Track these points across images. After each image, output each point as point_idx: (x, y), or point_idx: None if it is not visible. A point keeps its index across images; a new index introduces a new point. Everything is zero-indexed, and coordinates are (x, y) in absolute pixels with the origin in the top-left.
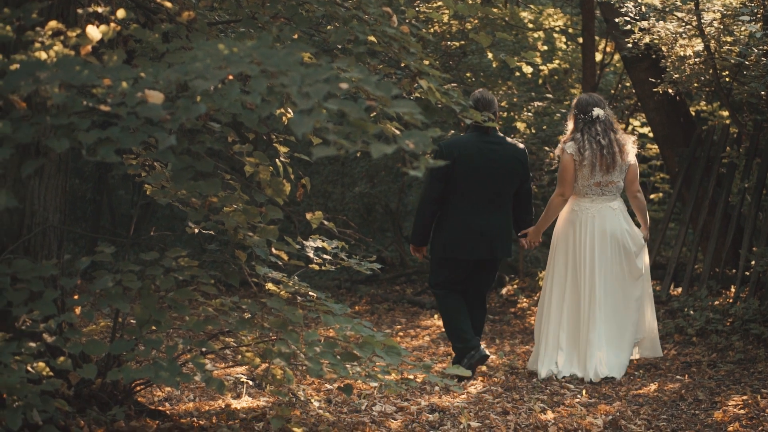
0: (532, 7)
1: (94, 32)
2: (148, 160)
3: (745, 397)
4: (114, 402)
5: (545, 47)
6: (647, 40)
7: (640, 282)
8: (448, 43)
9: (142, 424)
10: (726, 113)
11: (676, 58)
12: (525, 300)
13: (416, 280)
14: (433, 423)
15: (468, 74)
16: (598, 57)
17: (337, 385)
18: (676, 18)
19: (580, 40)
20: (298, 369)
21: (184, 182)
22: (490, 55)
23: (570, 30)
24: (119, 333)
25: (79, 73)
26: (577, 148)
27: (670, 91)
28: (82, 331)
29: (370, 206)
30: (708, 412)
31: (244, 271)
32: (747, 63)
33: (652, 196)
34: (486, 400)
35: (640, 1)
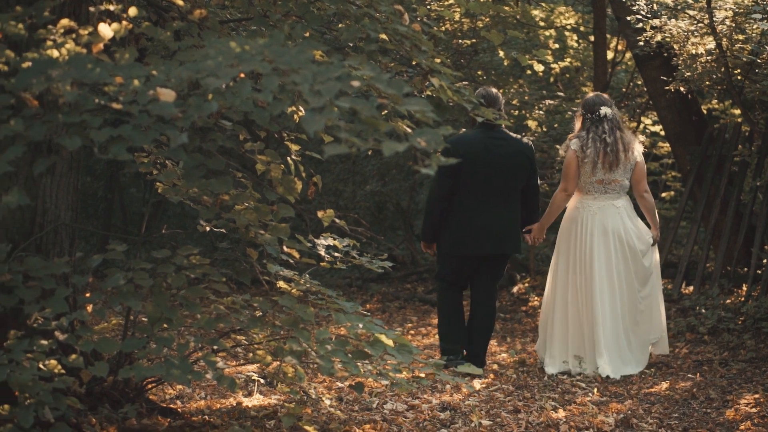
0: (543, 5)
1: (106, 30)
2: (160, 158)
3: (756, 395)
4: (125, 400)
5: (557, 45)
6: (659, 38)
7: (649, 281)
8: (460, 41)
9: (154, 422)
10: (738, 111)
11: (687, 56)
12: (536, 298)
13: (427, 278)
14: (444, 421)
15: (479, 72)
16: (610, 55)
17: (348, 383)
18: (687, 16)
19: (592, 38)
20: (310, 367)
21: (195, 180)
22: (501, 53)
23: (581, 28)
24: (131, 331)
25: (91, 71)
26: (580, 145)
27: (681, 89)
28: (94, 329)
29: (382, 204)
30: (720, 411)
31: (255, 269)
32: (759, 61)
33: (663, 195)
34: (497, 398)
35: None
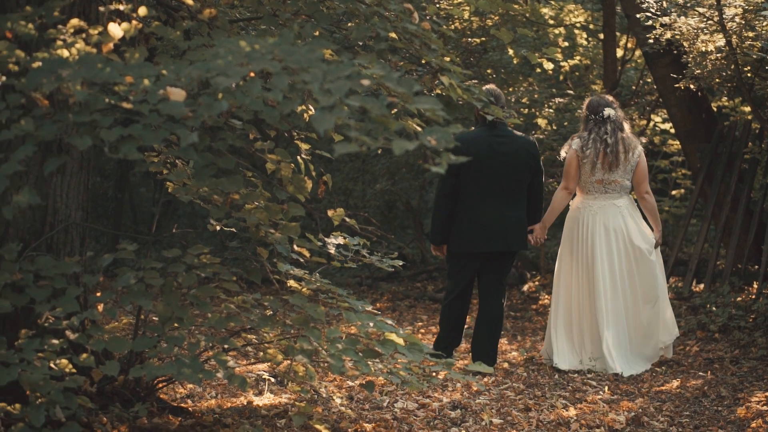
0: (552, 3)
1: (115, 30)
2: (170, 158)
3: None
4: (136, 399)
5: (566, 43)
6: (669, 35)
7: (653, 281)
8: (469, 39)
9: (165, 421)
10: (748, 109)
11: (697, 54)
12: (546, 297)
13: (437, 276)
14: (455, 420)
15: (489, 71)
16: (619, 53)
17: (359, 382)
18: (697, 13)
19: (601, 36)
20: (320, 366)
21: (205, 179)
22: (510, 51)
23: (591, 26)
24: (142, 330)
25: (101, 70)
26: (581, 145)
27: (691, 86)
28: (105, 328)
29: (391, 203)
30: (731, 409)
31: (265, 268)
32: None
33: (673, 192)
34: (508, 396)
35: None
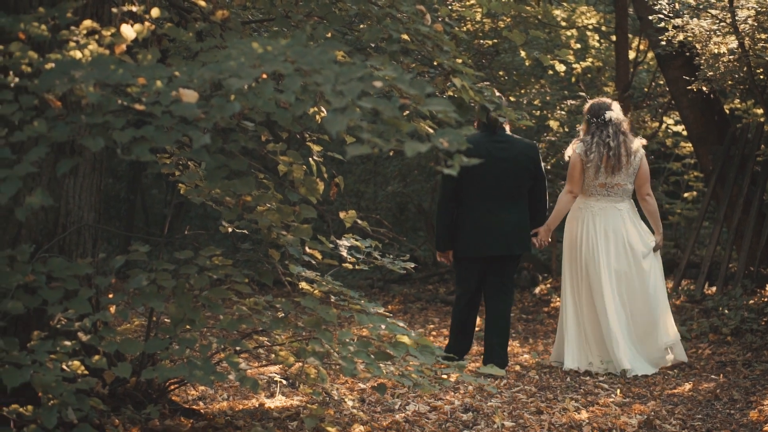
0: (565, 5)
1: (128, 31)
2: (182, 159)
3: None
4: (148, 401)
5: (578, 45)
6: (681, 37)
7: (651, 284)
8: (481, 41)
9: (177, 423)
10: (760, 111)
11: (710, 56)
12: (558, 299)
13: (449, 279)
14: (467, 422)
15: (501, 72)
16: (632, 55)
17: (370, 385)
18: (710, 15)
19: (614, 38)
20: (332, 368)
21: (218, 181)
22: (522, 53)
23: (603, 28)
24: (154, 332)
25: (113, 72)
26: (584, 149)
27: (704, 88)
28: (117, 330)
29: (403, 205)
30: (743, 412)
31: (277, 270)
32: None
33: (686, 195)
34: (520, 399)
35: None
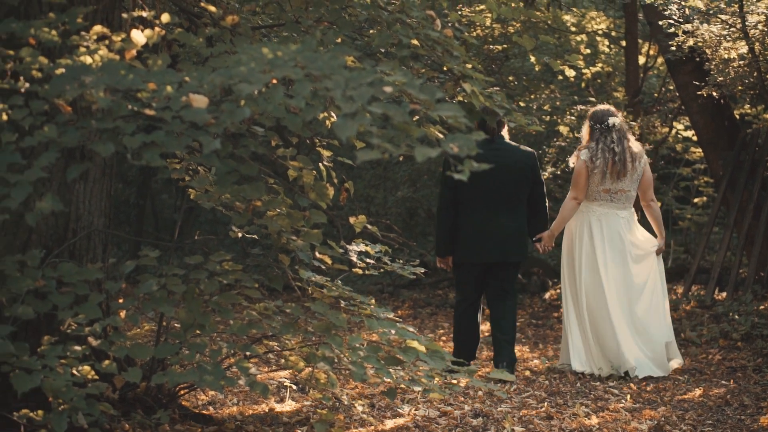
0: (574, 10)
1: (138, 37)
2: (192, 164)
3: None
4: (158, 405)
5: (588, 50)
6: (691, 42)
7: (647, 287)
8: (491, 46)
9: (187, 428)
10: None
11: (720, 61)
12: None
13: None
14: (477, 428)
15: (510, 78)
16: (642, 60)
17: (380, 390)
18: (720, 20)
19: (623, 43)
20: (342, 373)
21: (228, 186)
22: (532, 58)
23: (613, 33)
24: (164, 337)
25: (124, 77)
26: (590, 156)
27: (714, 94)
28: (127, 335)
29: (413, 210)
30: (754, 418)
31: (287, 275)
32: None
33: (696, 200)
34: (530, 404)
35: (683, 3)
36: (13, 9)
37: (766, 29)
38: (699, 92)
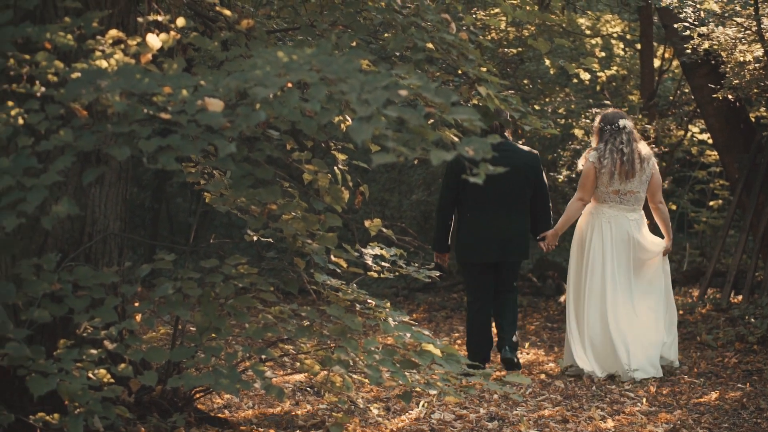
0: (589, 13)
1: (154, 41)
2: (208, 168)
3: None
4: (174, 409)
5: (603, 54)
6: (706, 45)
7: (654, 288)
8: (506, 50)
9: (202, 431)
10: None
11: (735, 64)
12: None
13: None
14: (492, 431)
15: (525, 81)
16: (657, 63)
17: (396, 393)
18: (735, 23)
19: (639, 46)
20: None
21: (243, 190)
22: (547, 61)
23: (628, 36)
24: (179, 340)
25: (139, 81)
26: (598, 157)
27: (729, 96)
28: (143, 338)
29: (428, 214)
30: None
31: (302, 278)
32: None
33: (711, 203)
34: (545, 407)
35: (699, 6)
36: (29, 13)
37: None
38: (714, 95)
